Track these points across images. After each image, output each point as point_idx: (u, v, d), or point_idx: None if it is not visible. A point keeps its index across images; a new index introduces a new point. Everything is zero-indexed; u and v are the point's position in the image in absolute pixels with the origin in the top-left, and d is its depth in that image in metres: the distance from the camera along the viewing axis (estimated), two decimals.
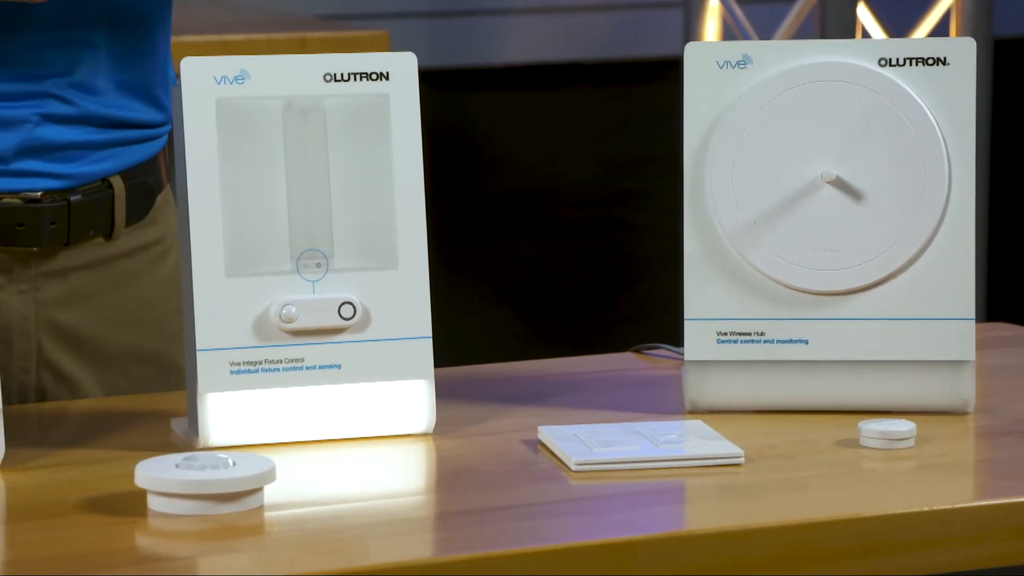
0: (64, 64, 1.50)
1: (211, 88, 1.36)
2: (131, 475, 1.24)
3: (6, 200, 1.49)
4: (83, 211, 1.52)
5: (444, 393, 1.43)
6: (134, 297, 1.55)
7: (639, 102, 3.37)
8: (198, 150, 1.36)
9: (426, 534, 1.24)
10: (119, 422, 1.46)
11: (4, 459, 1.32)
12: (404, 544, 1.20)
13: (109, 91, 1.52)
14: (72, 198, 1.51)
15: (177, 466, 1.23)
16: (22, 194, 1.50)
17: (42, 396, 1.54)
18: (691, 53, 1.45)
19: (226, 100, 1.36)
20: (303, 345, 1.37)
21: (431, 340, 1.39)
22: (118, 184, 1.54)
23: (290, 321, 1.37)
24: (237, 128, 1.37)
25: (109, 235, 1.54)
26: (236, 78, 1.37)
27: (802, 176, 1.44)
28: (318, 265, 1.38)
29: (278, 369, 1.37)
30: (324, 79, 1.38)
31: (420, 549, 1.21)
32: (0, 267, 1.51)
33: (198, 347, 1.36)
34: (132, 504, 1.23)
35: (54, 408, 1.52)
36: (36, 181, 1.51)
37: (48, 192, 1.51)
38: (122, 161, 1.54)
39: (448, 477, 1.34)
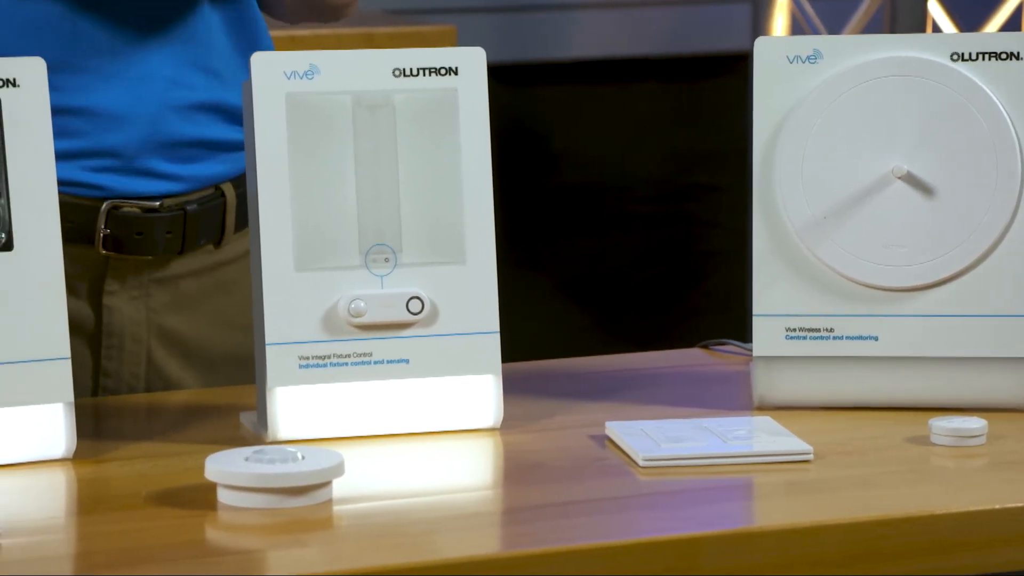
0: (184, 40, 1.50)
1: (281, 83, 1.36)
2: (201, 468, 1.25)
3: (126, 209, 1.51)
4: (197, 220, 1.53)
5: (511, 388, 1.43)
6: (238, 302, 1.56)
7: (706, 97, 3.36)
8: (268, 145, 1.36)
9: (493, 529, 1.24)
10: (189, 416, 1.47)
11: (76, 452, 1.33)
12: (471, 539, 1.20)
13: (226, 72, 1.53)
14: (188, 208, 1.53)
15: (246, 460, 1.24)
16: (141, 203, 1.51)
17: None
18: (761, 48, 1.44)
19: (296, 95, 1.37)
20: (371, 339, 1.37)
21: (499, 335, 1.39)
22: (230, 192, 1.55)
23: (359, 315, 1.37)
24: (307, 123, 1.37)
25: (219, 243, 1.55)
26: (306, 73, 1.37)
27: (872, 171, 1.43)
28: (386, 260, 1.38)
29: (346, 363, 1.37)
30: (393, 74, 1.38)
31: (487, 544, 1.21)
32: (114, 274, 1.52)
33: (267, 341, 1.36)
34: (202, 497, 1.24)
35: (125, 402, 1.53)
36: (156, 183, 1.52)
37: (165, 201, 1.52)
38: (234, 166, 1.55)
39: (515, 472, 1.34)
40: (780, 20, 2.95)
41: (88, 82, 1.49)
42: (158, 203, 1.52)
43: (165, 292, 1.54)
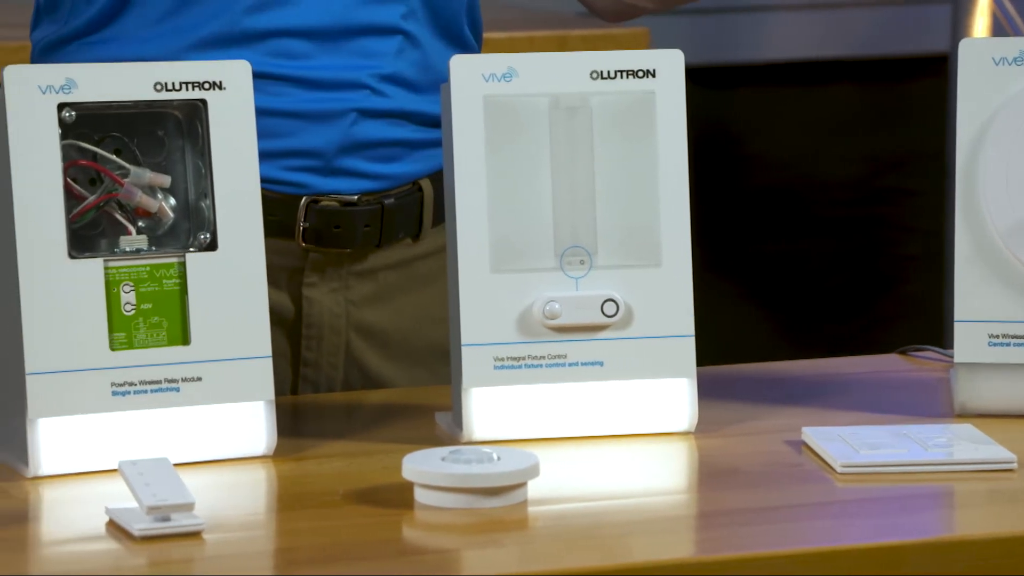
0: (382, 58, 1.52)
1: (479, 85, 1.37)
2: (397, 467, 1.26)
3: (324, 203, 1.53)
4: (395, 214, 1.55)
5: (704, 391, 1.42)
6: (435, 296, 1.57)
7: (903, 99, 3.32)
8: (465, 147, 1.37)
9: (688, 533, 1.23)
10: (385, 415, 1.48)
11: (276, 449, 1.35)
12: (666, 543, 1.20)
13: (424, 86, 1.55)
14: (386, 201, 1.54)
15: (443, 459, 1.25)
16: (339, 197, 1.53)
17: None
18: (966, 50, 1.42)
19: (493, 97, 1.37)
20: (566, 341, 1.37)
21: (694, 338, 1.39)
22: (427, 187, 1.56)
23: (554, 317, 1.37)
24: (504, 125, 1.38)
25: (416, 237, 1.57)
26: (504, 75, 1.38)
27: None
28: (582, 262, 1.38)
29: (541, 365, 1.38)
30: (590, 76, 1.38)
31: (682, 548, 1.21)
32: (314, 266, 1.55)
33: (463, 342, 1.37)
34: (398, 496, 1.25)
35: (322, 400, 1.55)
36: (354, 182, 1.53)
37: (364, 195, 1.54)
38: (433, 163, 1.57)
39: (710, 476, 1.33)
40: (981, 21, 2.90)
41: (293, 87, 1.51)
42: (356, 198, 1.54)
43: (364, 285, 1.56)
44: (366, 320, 1.57)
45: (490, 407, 1.38)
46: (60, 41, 1.54)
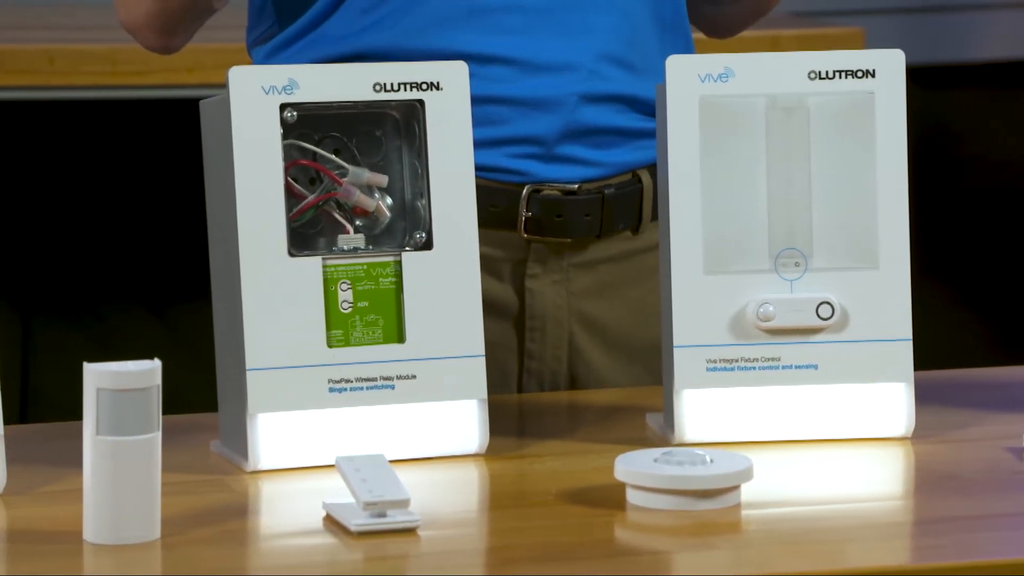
0: (599, 34, 1.53)
1: (695, 86, 1.37)
2: (609, 468, 1.26)
3: (546, 191, 1.54)
4: (615, 204, 1.55)
5: (920, 396, 1.40)
6: (655, 291, 1.56)
7: None
8: (680, 147, 1.37)
9: (905, 540, 1.21)
10: (596, 415, 1.48)
11: (488, 447, 1.35)
12: (883, 549, 1.18)
13: (638, 66, 1.55)
14: (606, 191, 1.55)
15: (655, 461, 1.24)
16: (560, 185, 1.54)
17: (573, 386, 1.57)
18: None
19: (709, 98, 1.37)
20: (780, 344, 1.36)
21: (911, 343, 1.36)
22: (646, 178, 1.57)
23: (767, 320, 1.36)
24: (719, 125, 1.37)
25: (636, 229, 1.57)
26: (720, 76, 1.37)
27: None
28: (796, 264, 1.37)
29: (754, 368, 1.37)
30: (808, 76, 1.37)
31: (899, 555, 1.19)
32: (537, 257, 1.56)
33: (675, 343, 1.37)
34: (611, 497, 1.25)
35: (533, 399, 1.55)
36: (575, 169, 1.54)
37: (584, 184, 1.54)
38: (649, 154, 1.57)
39: (929, 482, 1.31)
40: None
41: (515, 72, 1.52)
42: (576, 186, 1.54)
43: (585, 277, 1.57)
44: (587, 312, 1.57)
45: (702, 409, 1.37)
46: (277, 48, 1.56)
